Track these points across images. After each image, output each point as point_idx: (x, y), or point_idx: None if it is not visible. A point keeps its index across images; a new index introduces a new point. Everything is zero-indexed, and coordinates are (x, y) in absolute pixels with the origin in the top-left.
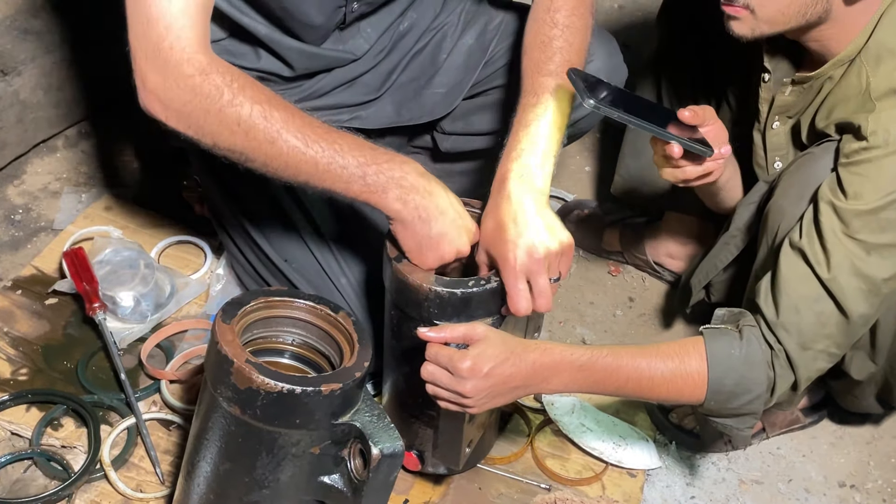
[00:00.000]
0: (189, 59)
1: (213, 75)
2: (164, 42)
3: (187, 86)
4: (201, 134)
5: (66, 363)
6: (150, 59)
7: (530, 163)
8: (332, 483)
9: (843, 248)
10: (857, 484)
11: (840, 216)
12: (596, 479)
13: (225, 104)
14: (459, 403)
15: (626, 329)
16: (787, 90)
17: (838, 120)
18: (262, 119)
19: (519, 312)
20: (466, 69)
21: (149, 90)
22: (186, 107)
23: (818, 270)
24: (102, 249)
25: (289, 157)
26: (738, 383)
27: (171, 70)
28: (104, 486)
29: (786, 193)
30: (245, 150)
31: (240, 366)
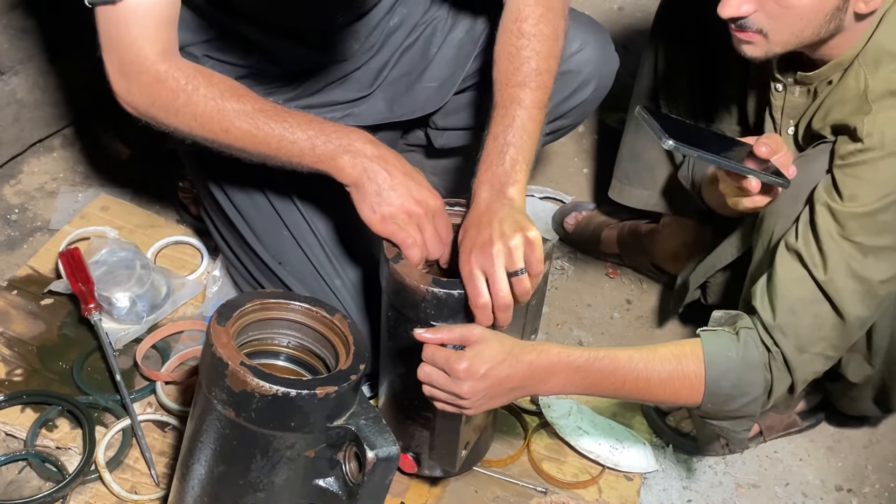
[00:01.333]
0: (147, 70)
1: (168, 82)
2: (127, 57)
3: (146, 93)
4: (167, 129)
5: (62, 364)
6: (117, 71)
7: (499, 172)
8: (328, 486)
9: (839, 250)
10: (855, 488)
11: (836, 218)
12: (592, 482)
13: (181, 105)
14: (456, 405)
15: (623, 332)
16: (797, 91)
17: (834, 122)
18: (215, 113)
19: (475, 304)
20: (458, 63)
21: (119, 96)
22: (150, 109)
23: (814, 273)
24: (98, 250)
25: (244, 142)
26: (736, 385)
27: (133, 80)
28: (99, 487)
29: (781, 195)
30: (206, 137)
31: (234, 368)
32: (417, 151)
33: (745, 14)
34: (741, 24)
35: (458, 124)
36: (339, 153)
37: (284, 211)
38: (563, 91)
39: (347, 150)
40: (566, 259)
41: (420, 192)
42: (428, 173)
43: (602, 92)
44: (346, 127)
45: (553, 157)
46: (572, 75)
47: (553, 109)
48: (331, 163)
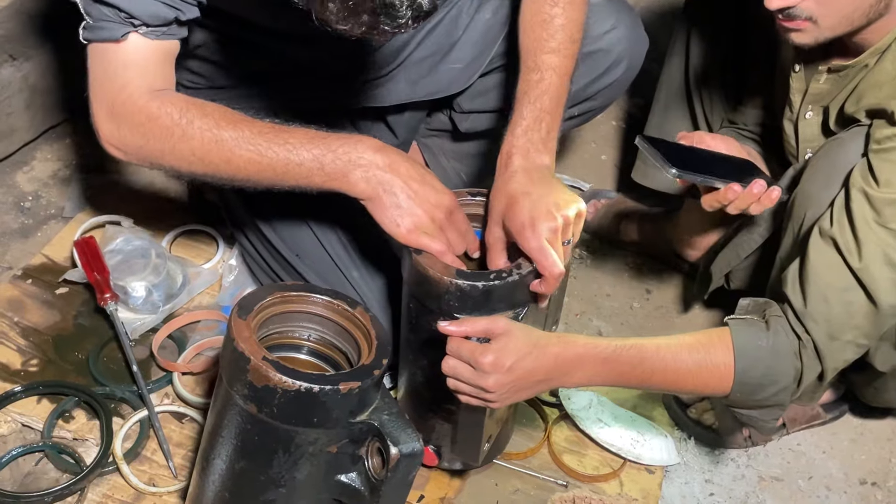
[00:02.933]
0: (139, 109)
1: (161, 119)
2: (119, 98)
3: (139, 133)
4: (163, 168)
5: (78, 354)
6: (106, 111)
7: (535, 138)
8: (350, 482)
9: (874, 237)
10: (879, 481)
11: (872, 204)
12: (614, 475)
13: (176, 141)
14: (481, 398)
15: (643, 321)
16: (822, 78)
17: (870, 106)
18: (213, 144)
19: (553, 275)
20: (484, 44)
21: (104, 139)
22: (142, 150)
23: (849, 259)
24: (113, 238)
25: (248, 170)
26: (765, 374)
27: (124, 120)
28: (117, 479)
29: (813, 179)
30: (206, 172)
31: (257, 364)
32: (441, 136)
33: (793, 3)
34: (789, 13)
35: (483, 107)
36: (349, 169)
37: (302, 204)
38: (594, 71)
39: (357, 164)
40: (585, 248)
41: (436, 194)
42: (450, 158)
43: (632, 73)
44: (352, 137)
45: (570, 143)
46: (603, 54)
47: (582, 90)
48: (343, 180)
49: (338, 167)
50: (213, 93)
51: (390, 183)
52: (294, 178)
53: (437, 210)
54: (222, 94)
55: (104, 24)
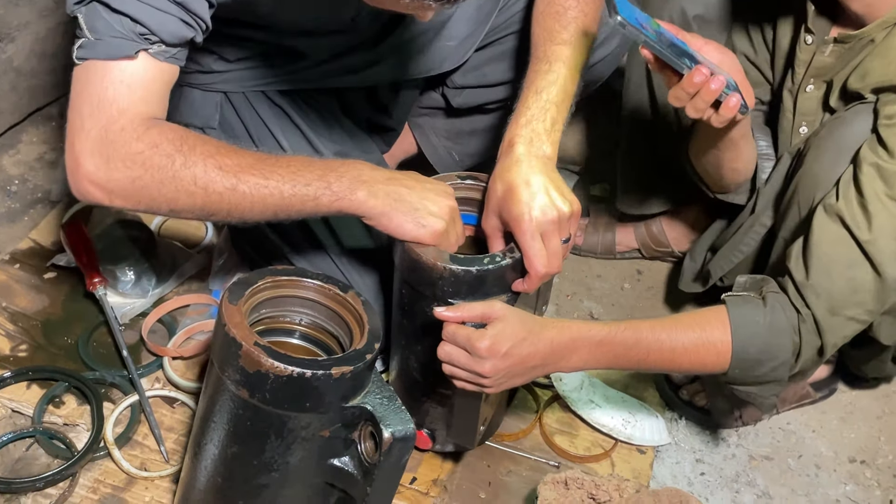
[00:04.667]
0: (139, 136)
1: (163, 145)
2: (115, 125)
3: (136, 162)
4: (155, 205)
5: (67, 339)
6: (93, 142)
7: (539, 129)
8: (343, 466)
9: (885, 210)
10: (868, 459)
11: (884, 177)
12: (605, 456)
13: (178, 168)
14: (477, 383)
15: (634, 302)
16: (828, 50)
17: (877, 82)
18: (217, 170)
19: (538, 273)
20: (478, 21)
21: (85, 176)
22: (136, 183)
23: (857, 233)
24: (102, 222)
25: (254, 197)
26: (763, 350)
27: (117, 150)
28: (108, 464)
29: (819, 159)
30: (206, 205)
31: (248, 349)
32: (433, 114)
33: None
34: None
35: (477, 82)
36: (355, 186)
37: None
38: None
39: (361, 180)
40: None
41: (436, 185)
42: (442, 137)
43: (623, 49)
44: (347, 160)
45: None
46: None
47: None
48: (351, 198)
49: (344, 185)
50: (204, 76)
51: (397, 192)
52: (301, 200)
53: (450, 199)
54: (214, 78)
55: (112, 40)
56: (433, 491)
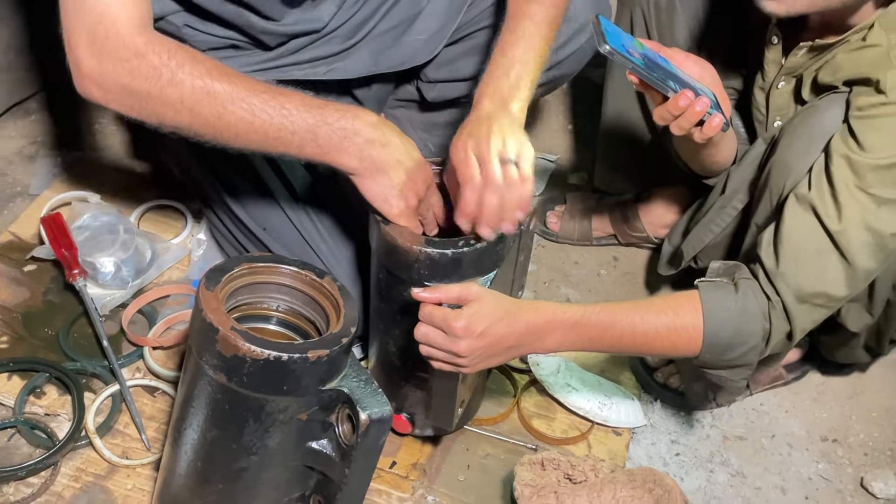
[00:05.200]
0: (125, 42)
1: (149, 56)
2: (100, 26)
3: (124, 69)
4: (145, 115)
5: (48, 330)
6: (86, 44)
7: (501, 86)
8: (321, 448)
9: (855, 201)
10: (840, 438)
11: (854, 169)
12: (582, 438)
13: (165, 84)
14: (454, 363)
15: (610, 288)
16: (801, 53)
17: (850, 75)
18: (204, 94)
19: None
20: (448, 15)
21: (84, 74)
22: (125, 90)
23: (827, 223)
24: (81, 215)
25: (238, 129)
26: (734, 335)
27: (107, 54)
28: (90, 453)
29: (791, 147)
30: (192, 125)
31: (225, 333)
32: (408, 107)
33: None
34: None
35: (450, 75)
36: (343, 145)
37: (267, 176)
38: (559, 38)
39: (352, 140)
40: None
41: (420, 168)
42: (418, 129)
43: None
44: (349, 109)
45: (536, 114)
46: (567, 22)
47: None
48: (335, 155)
49: (332, 141)
50: None
51: (383, 161)
52: (285, 145)
53: (423, 184)
54: None
55: None
56: (413, 475)
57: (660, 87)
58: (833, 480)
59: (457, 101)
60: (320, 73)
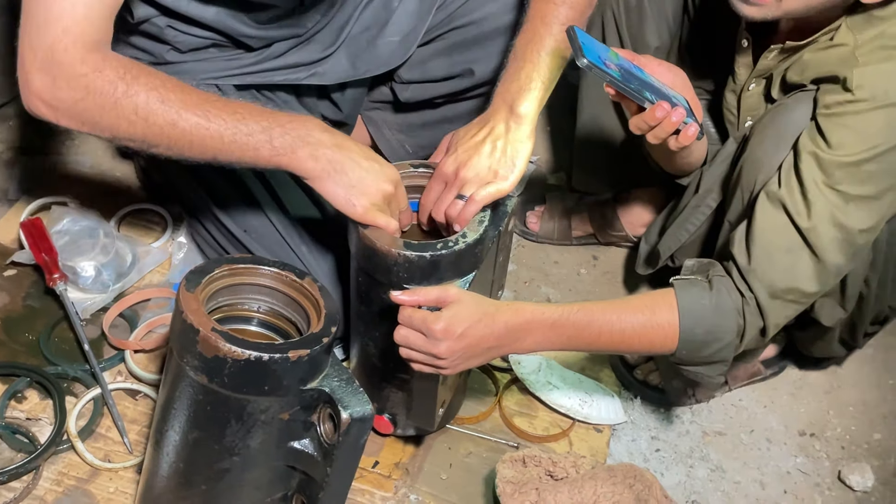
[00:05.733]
0: (83, 58)
1: (106, 71)
2: (60, 44)
3: (80, 85)
4: (98, 129)
5: (28, 335)
6: (40, 61)
7: (512, 88)
8: (303, 448)
9: (823, 198)
10: (817, 432)
11: (822, 166)
12: (563, 435)
13: (120, 96)
14: (434, 365)
15: (590, 287)
16: (772, 55)
17: (817, 73)
18: (159, 103)
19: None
20: (419, 16)
21: (33, 92)
22: (78, 105)
23: (797, 220)
24: (60, 219)
25: (193, 136)
26: (709, 332)
27: (62, 70)
28: (72, 457)
29: (761, 144)
30: (146, 136)
31: (206, 334)
32: (383, 108)
33: None
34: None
35: (423, 77)
36: (297, 145)
37: (248, 178)
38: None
39: (306, 141)
40: None
41: (383, 169)
42: (394, 130)
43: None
44: (300, 116)
45: None
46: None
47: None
48: (291, 156)
49: (286, 142)
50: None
51: (340, 161)
52: (241, 149)
53: (387, 185)
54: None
55: None
56: (395, 474)
57: (636, 98)
58: (811, 474)
59: (430, 102)
60: (301, 77)
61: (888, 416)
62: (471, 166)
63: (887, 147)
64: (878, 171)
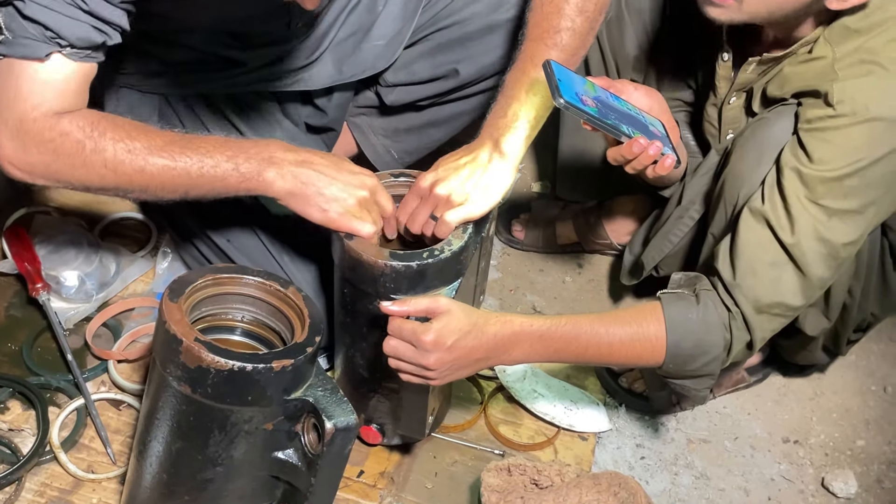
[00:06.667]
0: (51, 126)
1: (73, 133)
2: (29, 117)
3: (48, 150)
4: (71, 185)
5: (11, 345)
6: (10, 130)
7: (499, 125)
8: (287, 458)
9: (806, 213)
10: (801, 439)
11: (804, 182)
12: (548, 443)
13: (88, 154)
14: (423, 376)
15: (575, 295)
16: (751, 68)
17: (798, 87)
18: (126, 154)
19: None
20: (404, 18)
21: (6, 159)
22: (50, 167)
23: (781, 235)
24: (44, 228)
25: (162, 177)
26: (696, 346)
27: (31, 139)
28: (54, 468)
29: (743, 159)
30: (119, 185)
31: (189, 344)
32: (368, 113)
33: None
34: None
35: (408, 79)
36: (263, 167)
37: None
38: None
39: (271, 162)
40: None
41: (355, 176)
42: (380, 135)
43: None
44: (262, 140)
45: None
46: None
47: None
48: (258, 179)
49: (252, 167)
50: (143, 78)
51: (307, 175)
52: (209, 181)
53: (361, 190)
54: (152, 81)
55: (26, 41)
56: (380, 483)
57: (613, 133)
58: (795, 481)
59: (415, 105)
60: (287, 84)
61: (871, 423)
62: (446, 185)
63: (869, 161)
64: (860, 185)
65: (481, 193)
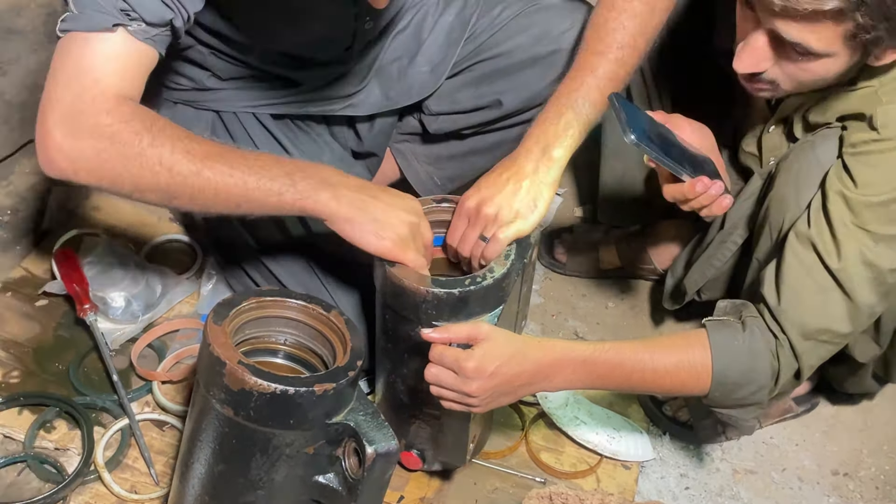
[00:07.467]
0: (109, 109)
1: (133, 122)
2: (88, 94)
3: (104, 134)
4: (119, 181)
5: (58, 365)
6: (63, 112)
7: (549, 130)
8: (327, 482)
9: (852, 238)
10: (851, 472)
11: (850, 206)
12: (591, 471)
13: (146, 146)
14: (465, 403)
15: (618, 321)
16: (791, 100)
17: (842, 111)
18: (184, 154)
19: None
20: (448, 46)
21: (52, 145)
22: (101, 155)
23: (827, 260)
24: (92, 250)
25: (217, 184)
26: (743, 374)
27: (86, 119)
28: (99, 487)
29: (787, 183)
30: (170, 187)
31: (232, 367)
32: (412, 140)
33: (761, 70)
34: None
35: (451, 108)
36: (320, 187)
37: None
38: (554, 72)
39: (328, 183)
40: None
41: (405, 202)
42: (423, 162)
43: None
44: (315, 163)
45: None
46: (562, 54)
47: (544, 90)
48: (314, 199)
49: (309, 186)
50: (197, 94)
51: (361, 199)
52: (265, 194)
53: (412, 216)
54: (206, 95)
55: (93, 13)
56: None
57: (675, 171)
58: None
59: (458, 134)
60: (336, 109)
61: None
62: (493, 203)
63: None
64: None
65: (528, 207)
